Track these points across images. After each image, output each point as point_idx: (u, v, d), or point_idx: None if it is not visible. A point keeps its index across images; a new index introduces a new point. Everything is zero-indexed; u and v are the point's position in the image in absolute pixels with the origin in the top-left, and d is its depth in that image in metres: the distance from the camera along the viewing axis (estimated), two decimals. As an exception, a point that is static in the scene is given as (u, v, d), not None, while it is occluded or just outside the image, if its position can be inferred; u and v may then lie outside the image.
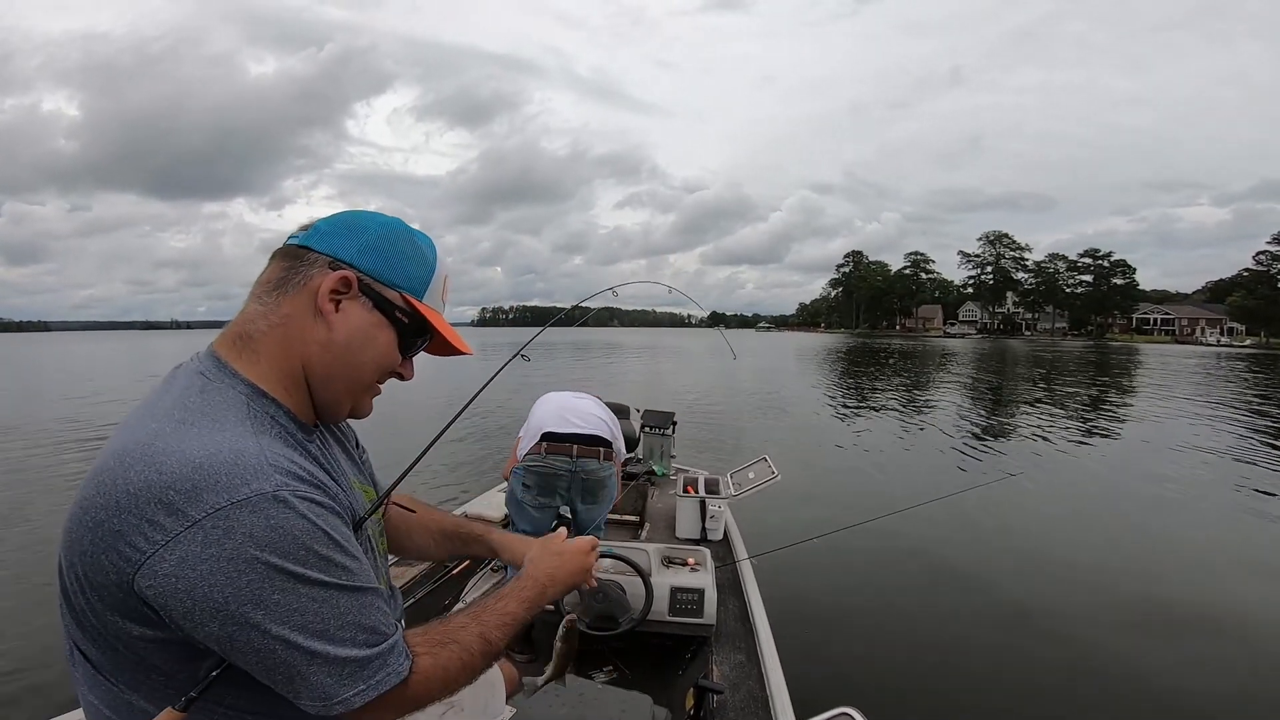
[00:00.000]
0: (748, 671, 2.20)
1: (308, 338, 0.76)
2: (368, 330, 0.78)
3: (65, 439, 9.96)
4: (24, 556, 4.82)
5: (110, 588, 0.62)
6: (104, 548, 0.61)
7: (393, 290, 0.79)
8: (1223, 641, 3.60)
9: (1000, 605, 4.02)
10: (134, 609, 0.63)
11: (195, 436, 0.65)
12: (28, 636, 3.43)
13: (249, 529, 0.62)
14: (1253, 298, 73.70)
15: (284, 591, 0.63)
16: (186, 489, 0.61)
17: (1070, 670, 3.24)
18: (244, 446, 0.66)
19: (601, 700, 1.54)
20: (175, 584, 0.60)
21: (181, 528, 0.60)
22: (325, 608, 0.66)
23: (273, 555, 0.62)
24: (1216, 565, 4.91)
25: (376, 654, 0.69)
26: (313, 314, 0.76)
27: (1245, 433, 11.07)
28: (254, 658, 0.64)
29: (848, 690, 2.70)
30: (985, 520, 5.59)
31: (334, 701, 0.67)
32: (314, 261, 0.76)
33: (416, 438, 1.14)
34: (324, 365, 0.77)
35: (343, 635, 0.67)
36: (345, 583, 0.68)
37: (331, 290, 0.75)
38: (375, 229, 0.79)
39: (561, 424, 2.73)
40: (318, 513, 0.67)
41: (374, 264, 0.78)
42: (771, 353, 38.93)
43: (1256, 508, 6.45)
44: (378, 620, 0.71)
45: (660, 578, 2.32)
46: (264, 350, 0.75)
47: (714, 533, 3.40)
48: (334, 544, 0.68)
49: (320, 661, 0.65)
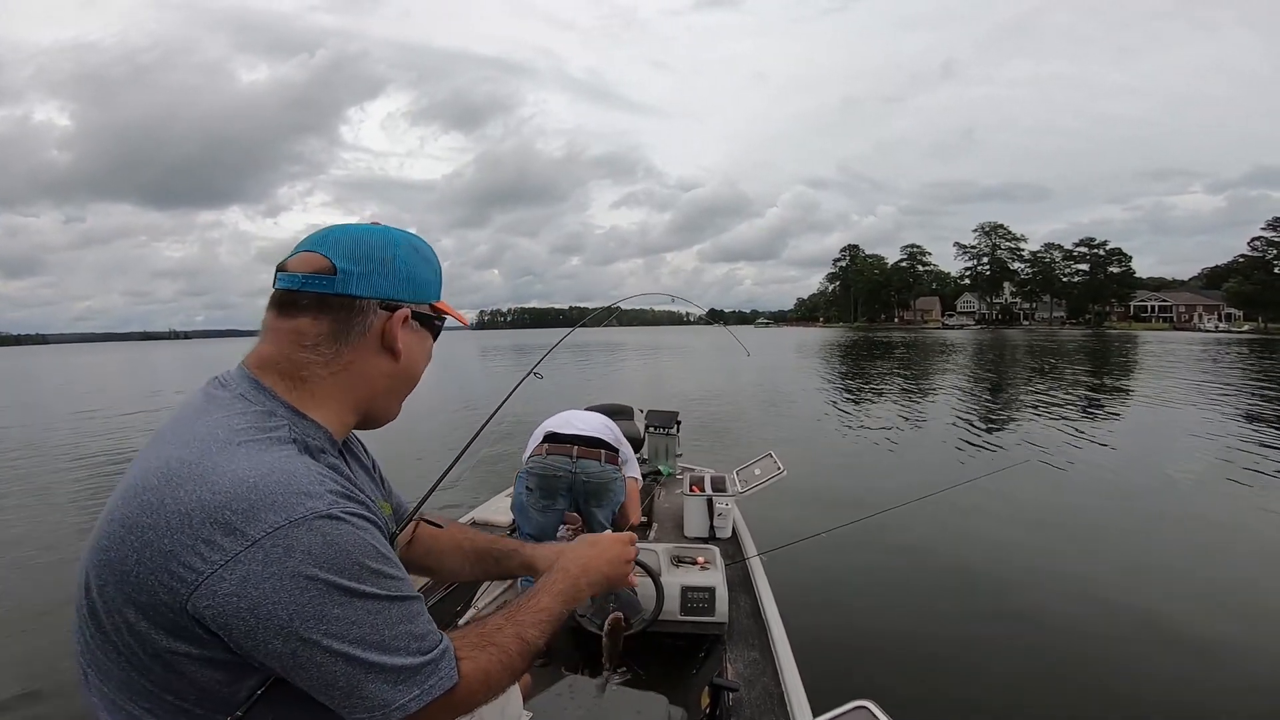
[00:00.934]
0: (762, 668, 2.19)
1: (375, 374, 0.81)
2: (419, 346, 0.85)
3: (75, 457, 9.93)
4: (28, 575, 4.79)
5: (160, 608, 0.62)
6: (153, 568, 0.61)
7: (424, 304, 0.84)
8: (1237, 626, 3.60)
9: (1014, 594, 4.02)
10: (184, 628, 0.62)
11: (245, 457, 0.66)
12: (32, 659, 3.40)
13: (307, 547, 0.63)
14: (1249, 283, 73.71)
15: (343, 606, 0.65)
16: (243, 508, 0.62)
17: (1087, 659, 3.24)
18: (294, 467, 0.67)
19: (617, 702, 1.53)
20: (237, 604, 0.61)
21: (241, 548, 0.61)
22: (380, 619, 0.67)
23: (330, 572, 0.64)
24: (1233, 550, 4.91)
25: (428, 660, 0.71)
26: (377, 353, 0.80)
27: (1252, 417, 11.06)
28: (315, 673, 0.65)
29: (864, 683, 2.70)
30: (995, 509, 5.59)
31: (392, 708, 0.68)
32: (367, 309, 0.78)
33: (429, 446, 1.13)
34: (392, 389, 0.84)
35: (397, 645, 0.68)
36: (394, 593, 0.70)
37: (401, 331, 0.81)
38: (401, 257, 0.81)
39: (564, 426, 2.76)
40: (365, 528, 0.69)
41: (414, 292, 0.82)
42: (772, 348, 38.91)
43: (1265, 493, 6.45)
44: (426, 628, 0.73)
45: (671, 577, 2.32)
46: (324, 393, 0.78)
47: (722, 531, 3.39)
48: (382, 557, 0.70)
49: (377, 672, 0.67)
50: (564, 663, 2.39)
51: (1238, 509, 6.04)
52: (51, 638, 3.55)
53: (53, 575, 4.57)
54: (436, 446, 8.38)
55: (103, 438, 11.36)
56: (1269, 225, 75.31)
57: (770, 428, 10.84)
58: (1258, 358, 26.43)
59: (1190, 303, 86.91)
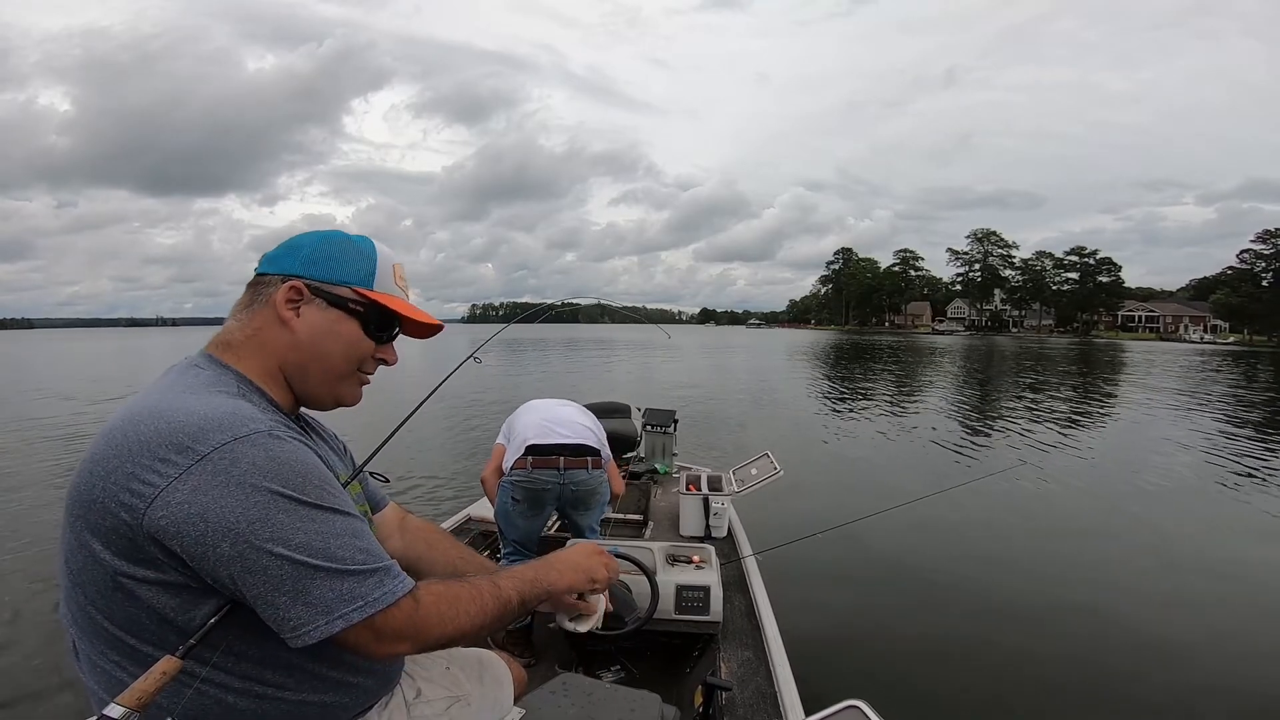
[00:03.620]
0: (755, 668, 2.19)
1: (279, 342, 0.88)
2: (328, 326, 0.89)
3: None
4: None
5: (119, 529, 0.68)
6: (116, 489, 0.68)
7: (341, 287, 0.90)
8: (1232, 622, 3.66)
9: (1005, 596, 4.05)
10: (141, 549, 0.69)
11: (197, 399, 0.76)
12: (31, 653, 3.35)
13: (252, 459, 0.70)
14: (1236, 295, 74.78)
15: (287, 513, 0.70)
16: (193, 431, 0.70)
17: (1077, 661, 3.27)
18: (240, 403, 0.78)
19: (610, 699, 1.51)
20: (188, 510, 0.67)
21: (192, 461, 0.68)
22: (324, 527, 0.73)
23: (274, 482, 0.71)
24: (1225, 551, 4.99)
25: (373, 569, 0.76)
26: (278, 323, 0.88)
27: (1232, 426, 11.21)
28: (262, 577, 0.69)
29: (856, 684, 2.69)
30: (988, 512, 5.64)
31: (335, 616, 0.72)
32: (270, 282, 0.90)
33: (419, 428, 1.11)
34: (296, 362, 0.89)
35: (342, 553, 0.73)
36: (339, 508, 0.76)
37: (287, 300, 0.88)
38: (312, 242, 0.92)
39: (545, 434, 2.63)
40: (306, 450, 0.78)
41: (318, 270, 0.90)
42: (763, 350, 39.05)
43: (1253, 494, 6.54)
44: (371, 544, 0.78)
45: (665, 576, 2.30)
46: (244, 354, 0.88)
47: (718, 530, 3.39)
48: (324, 477, 0.77)
49: (323, 576, 0.71)
50: (557, 661, 2.36)
51: (1222, 513, 6.12)
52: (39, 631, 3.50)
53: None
54: (428, 427, 8.55)
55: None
56: (1258, 238, 76.50)
57: (766, 427, 10.85)
58: (1241, 371, 26.74)
59: (1177, 313, 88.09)
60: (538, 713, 1.37)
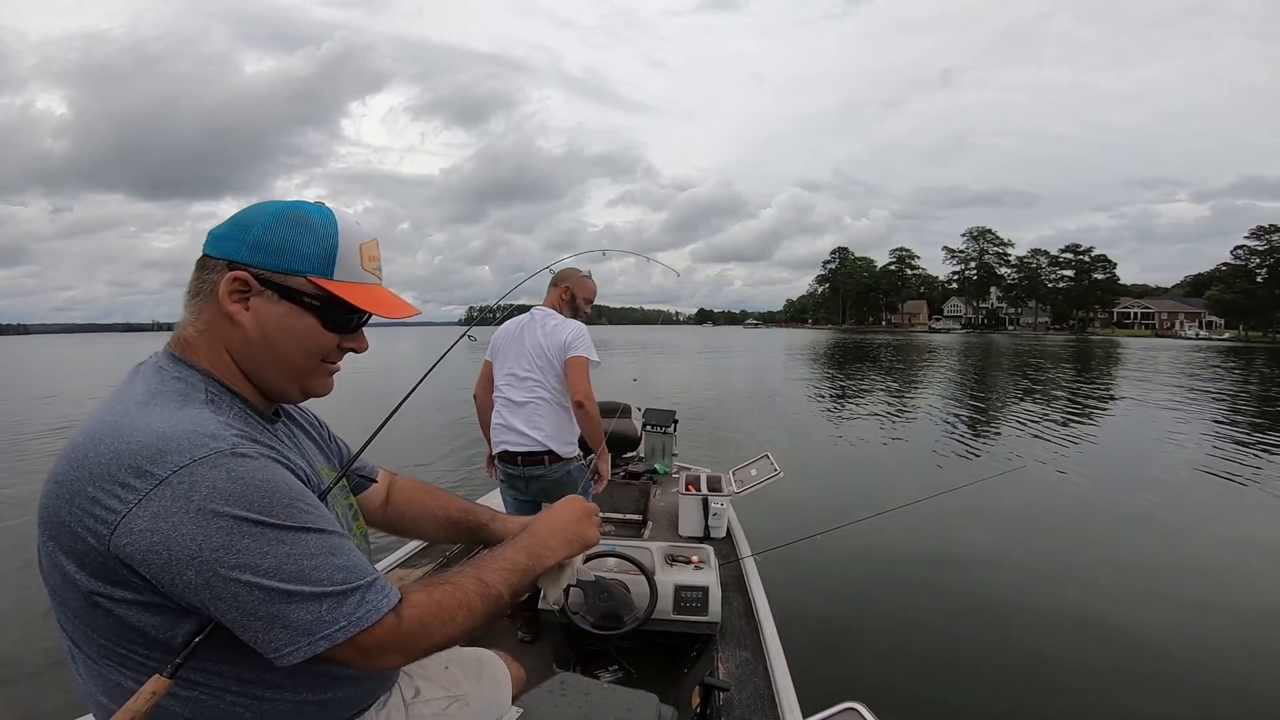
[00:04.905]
0: (753, 668, 2.19)
1: (229, 339, 0.80)
2: (281, 321, 0.80)
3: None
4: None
5: (89, 554, 0.66)
6: (80, 514, 0.65)
7: (296, 277, 0.79)
8: (1229, 622, 3.67)
9: (1004, 598, 4.05)
10: (113, 572, 0.66)
11: (158, 413, 0.71)
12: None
13: (212, 482, 0.66)
14: (1230, 291, 75.11)
15: (252, 537, 0.66)
16: (151, 454, 0.66)
17: (1077, 662, 3.27)
18: (203, 416, 0.72)
19: (608, 699, 1.51)
20: (151, 538, 0.64)
21: (150, 487, 0.65)
22: (295, 549, 0.69)
23: (237, 506, 0.66)
24: (1225, 550, 5.01)
25: (354, 588, 0.72)
26: (225, 318, 0.79)
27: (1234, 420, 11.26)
28: (233, 604, 0.66)
29: (854, 685, 2.69)
30: (988, 513, 5.63)
31: (317, 637, 0.69)
32: (214, 267, 0.79)
33: (417, 420, 1.10)
34: (249, 360, 0.81)
35: (317, 575, 0.69)
36: (311, 525, 0.71)
37: (230, 292, 0.78)
38: (262, 221, 0.79)
39: (499, 443, 2.63)
40: (274, 466, 0.72)
41: (266, 257, 0.79)
42: (762, 350, 39.05)
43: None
44: (351, 560, 0.73)
45: (664, 576, 2.30)
46: (201, 353, 0.80)
47: (717, 530, 3.39)
48: (294, 492, 0.72)
49: (297, 600, 0.68)
50: (555, 659, 2.36)
51: (1224, 508, 6.15)
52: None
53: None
54: (426, 419, 8.54)
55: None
56: (1252, 234, 76.84)
57: (765, 428, 10.85)
58: (1237, 365, 26.82)
59: (1172, 310, 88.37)
60: (535, 712, 1.37)
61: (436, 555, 3.00)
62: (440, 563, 2.95)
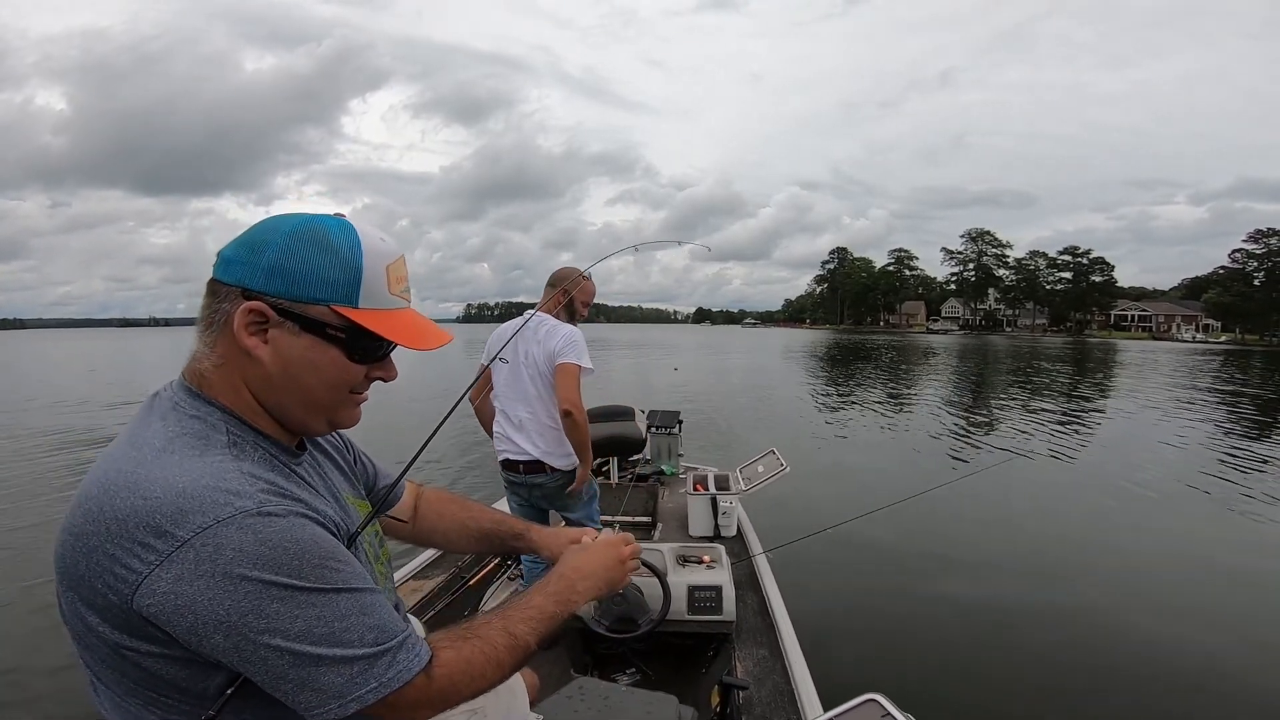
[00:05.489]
0: (771, 666, 2.19)
1: (247, 374, 0.75)
2: (304, 355, 0.74)
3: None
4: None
5: (112, 609, 0.63)
6: (99, 571, 0.63)
7: (318, 306, 0.72)
8: (1233, 629, 3.63)
9: (1021, 586, 4.06)
10: (138, 627, 0.64)
11: (177, 464, 0.66)
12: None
13: (238, 545, 0.63)
14: (1228, 294, 75.38)
15: (281, 601, 0.64)
16: (171, 512, 0.62)
17: (1095, 652, 3.27)
18: (225, 468, 0.67)
19: (627, 702, 1.50)
20: (175, 601, 0.61)
21: (172, 549, 0.61)
22: (326, 612, 0.66)
23: (264, 570, 0.63)
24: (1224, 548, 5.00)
25: (385, 650, 0.70)
26: (241, 351, 0.73)
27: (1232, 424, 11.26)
28: (262, 668, 0.64)
29: (874, 677, 2.67)
30: (1003, 502, 5.66)
31: (348, 699, 0.67)
32: (226, 295, 0.73)
33: (420, 422, 1.06)
34: (270, 396, 0.76)
35: (348, 636, 0.67)
36: (342, 586, 0.68)
37: (246, 325, 0.71)
38: (277, 244, 0.72)
39: (501, 451, 2.63)
40: (301, 524, 0.68)
41: (284, 285, 0.71)
42: (761, 350, 39.12)
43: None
44: (383, 619, 0.71)
45: (677, 577, 2.29)
46: (218, 389, 0.75)
47: (727, 529, 3.38)
48: (323, 551, 0.68)
49: (328, 664, 0.66)
50: (572, 664, 2.33)
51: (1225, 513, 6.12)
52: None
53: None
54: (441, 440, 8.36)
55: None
56: (1250, 237, 77.14)
57: (769, 425, 10.85)
58: (1236, 368, 26.94)
59: (1169, 313, 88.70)
60: (555, 717, 1.35)
61: (449, 566, 2.98)
62: (453, 573, 2.92)
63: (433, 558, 3.01)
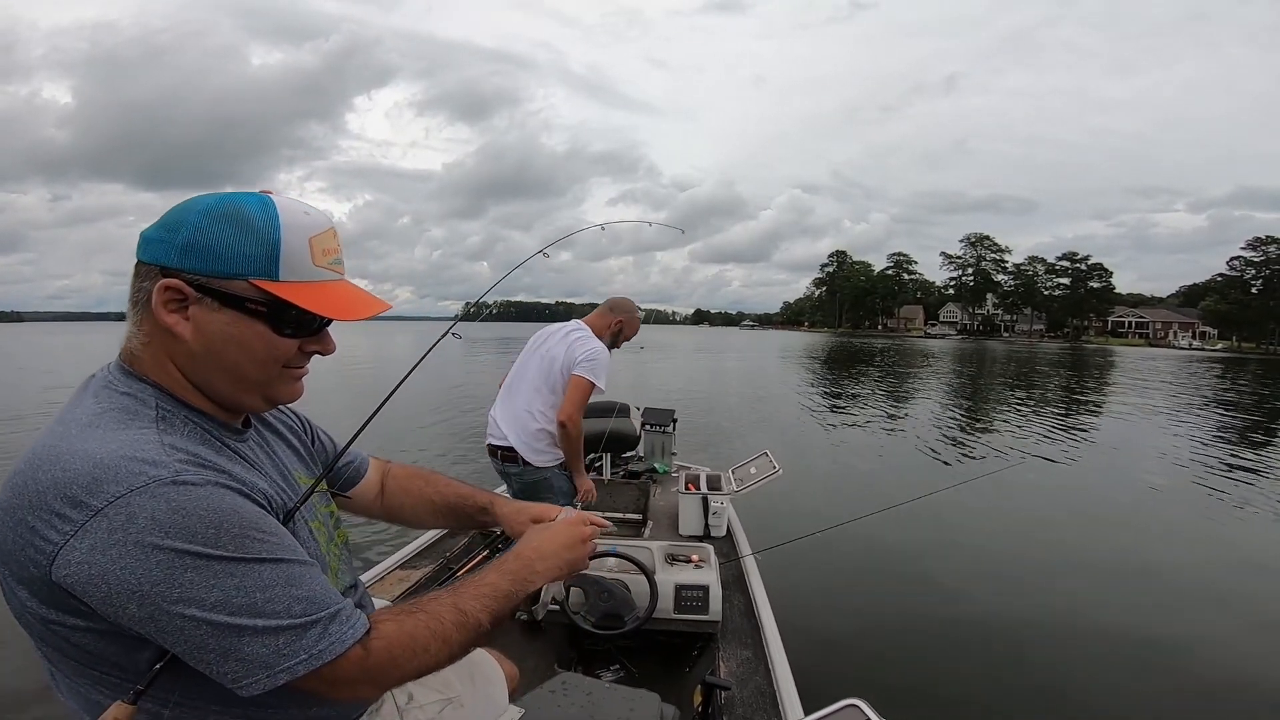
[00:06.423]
0: (754, 667, 2.18)
1: (173, 351, 0.74)
2: (225, 331, 0.73)
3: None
4: None
5: (37, 582, 0.64)
6: (22, 544, 0.63)
7: (236, 281, 0.72)
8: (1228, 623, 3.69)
9: (1005, 594, 4.07)
10: (62, 600, 0.64)
11: (98, 437, 0.67)
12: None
13: (150, 513, 0.62)
14: (1225, 302, 75.59)
15: (196, 570, 0.63)
16: (87, 482, 0.62)
17: (1077, 658, 3.28)
18: (145, 439, 0.67)
19: (609, 699, 1.50)
20: (89, 571, 0.61)
21: (85, 518, 0.61)
22: (246, 581, 0.65)
23: (178, 539, 0.63)
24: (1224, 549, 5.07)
25: (314, 620, 0.68)
26: (164, 329, 0.73)
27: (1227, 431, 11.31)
28: (180, 638, 0.64)
29: (855, 682, 2.69)
30: (988, 510, 5.67)
31: (277, 670, 0.66)
32: (146, 274, 0.73)
33: (410, 410, 1.07)
34: (197, 373, 0.76)
35: (272, 607, 0.66)
36: (266, 556, 0.67)
37: (164, 303, 0.72)
38: (192, 221, 0.72)
39: (488, 434, 2.75)
40: (220, 494, 0.67)
41: (199, 261, 0.71)
42: (759, 351, 39.14)
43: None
44: (313, 590, 0.70)
45: (664, 575, 2.29)
46: (148, 367, 0.75)
47: (717, 529, 3.38)
48: (244, 521, 0.67)
49: (250, 634, 0.65)
50: (556, 659, 2.34)
51: (1219, 515, 6.17)
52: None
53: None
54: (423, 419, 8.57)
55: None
56: (1249, 245, 77.35)
57: (763, 428, 10.86)
58: (1232, 377, 27.00)
59: (1167, 320, 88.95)
60: (537, 712, 1.36)
61: (437, 556, 2.97)
62: (441, 563, 2.93)
63: (420, 547, 3.00)
